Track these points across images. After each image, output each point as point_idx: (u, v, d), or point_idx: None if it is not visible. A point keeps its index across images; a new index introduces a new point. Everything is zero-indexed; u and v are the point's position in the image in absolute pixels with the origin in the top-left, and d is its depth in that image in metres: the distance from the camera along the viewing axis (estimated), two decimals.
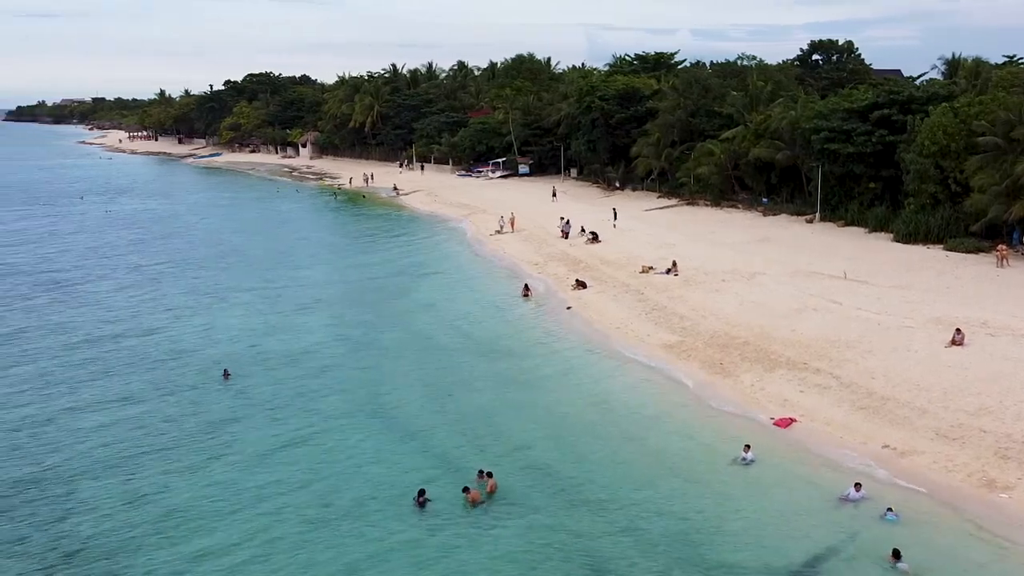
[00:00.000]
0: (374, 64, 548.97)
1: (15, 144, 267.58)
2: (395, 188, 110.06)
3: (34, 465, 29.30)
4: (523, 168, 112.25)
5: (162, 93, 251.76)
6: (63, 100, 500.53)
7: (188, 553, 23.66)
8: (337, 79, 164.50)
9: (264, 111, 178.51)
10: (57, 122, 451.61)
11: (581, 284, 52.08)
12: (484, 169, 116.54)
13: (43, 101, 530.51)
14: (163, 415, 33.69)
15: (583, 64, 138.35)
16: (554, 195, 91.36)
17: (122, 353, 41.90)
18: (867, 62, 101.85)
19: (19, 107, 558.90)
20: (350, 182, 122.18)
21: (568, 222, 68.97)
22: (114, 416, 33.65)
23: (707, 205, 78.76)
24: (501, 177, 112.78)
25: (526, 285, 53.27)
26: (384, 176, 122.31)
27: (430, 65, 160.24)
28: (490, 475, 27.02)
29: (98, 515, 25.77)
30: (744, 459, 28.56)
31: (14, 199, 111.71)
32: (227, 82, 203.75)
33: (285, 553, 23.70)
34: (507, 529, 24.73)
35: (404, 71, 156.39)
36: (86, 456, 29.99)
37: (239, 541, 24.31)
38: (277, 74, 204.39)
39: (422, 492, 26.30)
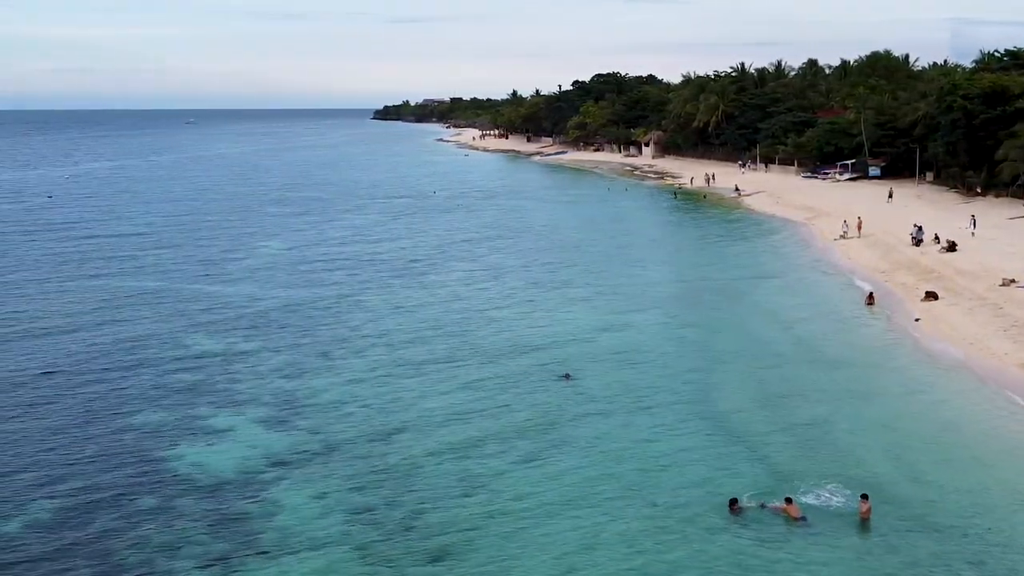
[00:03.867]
0: (721, 63, 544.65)
1: (381, 141, 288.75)
2: (736, 189, 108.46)
3: (383, 443, 31.36)
4: (873, 170, 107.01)
5: (514, 93, 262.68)
6: (425, 100, 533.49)
7: (516, 538, 24.47)
8: (682, 78, 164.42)
9: (609, 110, 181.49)
10: (418, 120, 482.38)
11: (932, 295, 48.91)
12: (831, 171, 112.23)
13: (407, 101, 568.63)
14: (501, 404, 35.01)
15: (945, 61, 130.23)
16: (890, 196, 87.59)
17: (467, 342, 44.01)
18: None
19: (386, 107, 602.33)
20: (691, 182, 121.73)
21: (920, 228, 65.01)
22: (457, 401, 35.38)
23: None
24: (849, 179, 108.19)
25: (870, 293, 50.79)
26: (726, 176, 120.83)
27: (779, 63, 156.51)
28: (865, 497, 25.52)
29: (436, 494, 27.20)
30: None
31: (381, 193, 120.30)
32: (575, 82, 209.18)
33: (610, 546, 23.96)
34: (833, 548, 23.61)
35: (751, 70, 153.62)
36: (430, 437, 31.73)
37: (566, 530, 24.83)
38: (624, 74, 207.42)
39: (735, 501, 25.80)
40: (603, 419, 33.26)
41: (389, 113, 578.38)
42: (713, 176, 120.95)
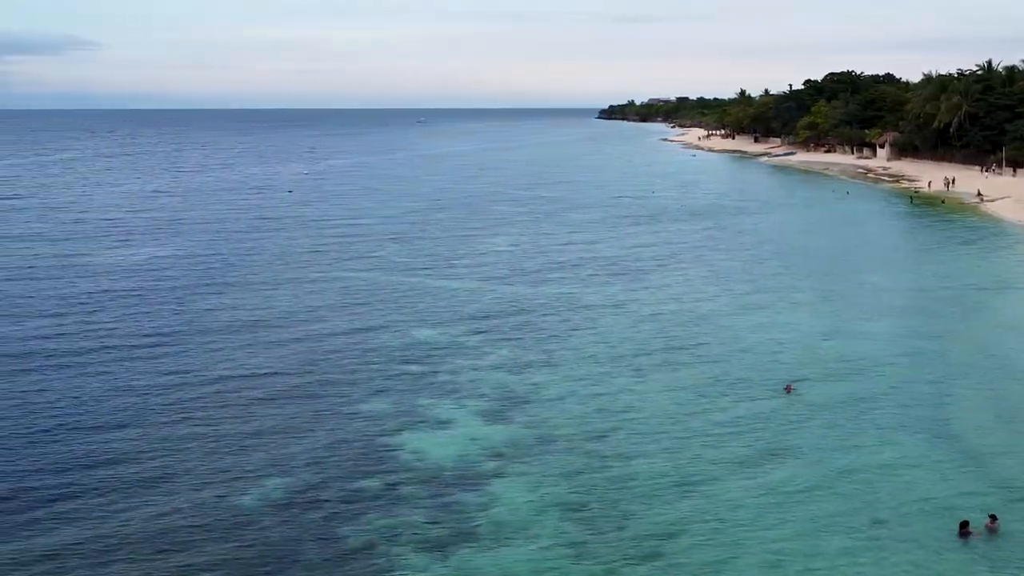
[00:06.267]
0: (966, 61, 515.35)
1: (607, 140, 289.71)
2: (978, 194, 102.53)
3: (599, 441, 31.45)
4: None
5: (742, 92, 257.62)
6: (650, 100, 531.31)
7: (732, 545, 24.01)
8: (923, 77, 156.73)
9: (842, 110, 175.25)
10: (643, 120, 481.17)
11: None
12: None
13: (632, 100, 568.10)
14: (719, 409, 34.45)
15: None
16: None
17: (686, 344, 43.51)
18: None
19: (611, 106, 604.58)
20: (928, 185, 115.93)
21: None
22: (674, 403, 35.05)
23: None
24: None
25: None
26: (967, 180, 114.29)
27: None
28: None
29: (651, 496, 27.03)
30: None
31: (606, 193, 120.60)
32: (807, 81, 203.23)
33: (830, 559, 23.19)
34: None
35: (999, 68, 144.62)
36: (646, 438, 31.59)
37: (784, 541, 24.18)
38: (859, 73, 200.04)
39: (965, 523, 24.36)
40: (826, 429, 32.16)
41: (614, 112, 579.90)
42: (953, 180, 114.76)
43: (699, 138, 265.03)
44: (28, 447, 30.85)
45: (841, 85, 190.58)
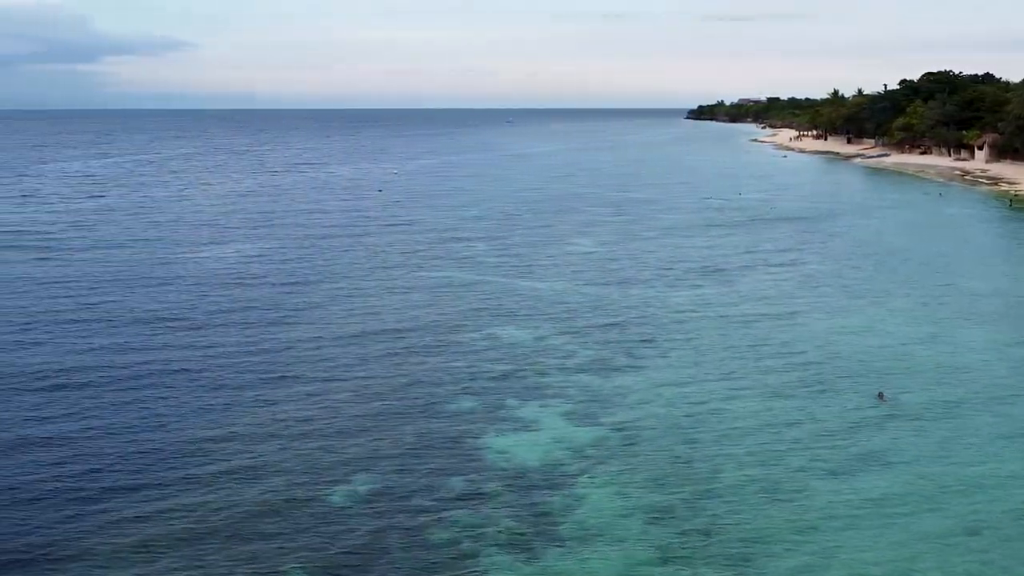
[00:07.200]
0: None
1: (696, 141, 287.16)
2: None
3: (686, 445, 31.24)
4: None
5: (835, 93, 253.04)
6: (740, 100, 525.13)
7: (823, 555, 23.64)
8: None
9: (939, 111, 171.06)
10: (733, 120, 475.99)
11: None
12: None
13: (722, 101, 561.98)
14: (810, 415, 33.89)
15: None
16: None
17: (775, 349, 42.95)
18: None
19: (700, 106, 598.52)
20: None
21: None
22: (763, 409, 34.61)
23: None
24: None
25: None
26: None
27: None
28: None
29: (739, 502, 26.76)
30: None
31: (696, 195, 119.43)
32: (902, 81, 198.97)
33: (925, 572, 22.67)
34: None
35: None
36: (734, 443, 31.30)
37: (878, 552, 23.74)
38: (957, 72, 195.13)
39: None
40: (921, 438, 31.46)
41: (703, 113, 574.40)
42: None
43: (790, 139, 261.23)
44: (121, 442, 31.71)
45: (938, 85, 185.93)
